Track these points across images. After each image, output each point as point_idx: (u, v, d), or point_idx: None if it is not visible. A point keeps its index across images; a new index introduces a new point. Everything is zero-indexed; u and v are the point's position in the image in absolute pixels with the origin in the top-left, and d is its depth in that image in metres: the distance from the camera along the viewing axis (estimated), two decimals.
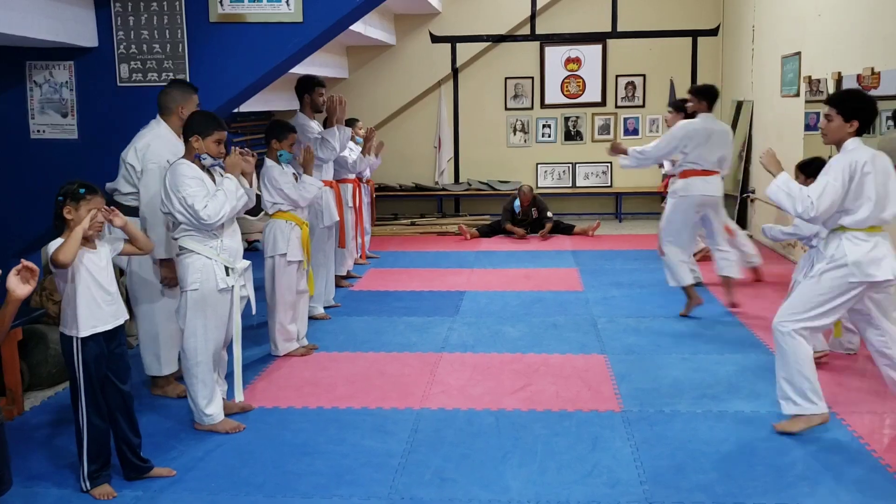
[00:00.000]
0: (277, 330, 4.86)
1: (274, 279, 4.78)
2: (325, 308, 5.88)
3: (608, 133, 10.23)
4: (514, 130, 10.34)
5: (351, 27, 6.69)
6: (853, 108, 3.47)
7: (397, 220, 9.93)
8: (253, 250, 7.45)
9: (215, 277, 3.67)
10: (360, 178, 7.13)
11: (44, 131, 4.69)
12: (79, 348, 3.10)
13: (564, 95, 10.23)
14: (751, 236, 8.67)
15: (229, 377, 4.02)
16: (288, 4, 4.54)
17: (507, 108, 10.31)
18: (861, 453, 3.45)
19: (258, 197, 4.31)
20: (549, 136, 10.34)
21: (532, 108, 10.28)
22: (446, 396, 4.21)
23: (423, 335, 5.33)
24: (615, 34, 10.04)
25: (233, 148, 3.91)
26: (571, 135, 10.31)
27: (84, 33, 4.50)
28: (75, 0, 4.38)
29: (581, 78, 10.17)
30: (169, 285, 4.09)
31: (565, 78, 10.20)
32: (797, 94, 7.24)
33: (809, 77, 6.90)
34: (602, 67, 10.12)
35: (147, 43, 4.59)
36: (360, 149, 6.98)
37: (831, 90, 6.42)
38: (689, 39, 10.00)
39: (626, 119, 10.21)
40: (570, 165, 10.33)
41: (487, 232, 9.18)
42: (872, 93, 5.77)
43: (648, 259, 7.64)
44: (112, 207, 3.22)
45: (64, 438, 3.73)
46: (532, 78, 10.23)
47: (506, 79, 10.24)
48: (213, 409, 3.79)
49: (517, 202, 9.08)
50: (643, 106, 10.17)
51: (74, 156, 4.65)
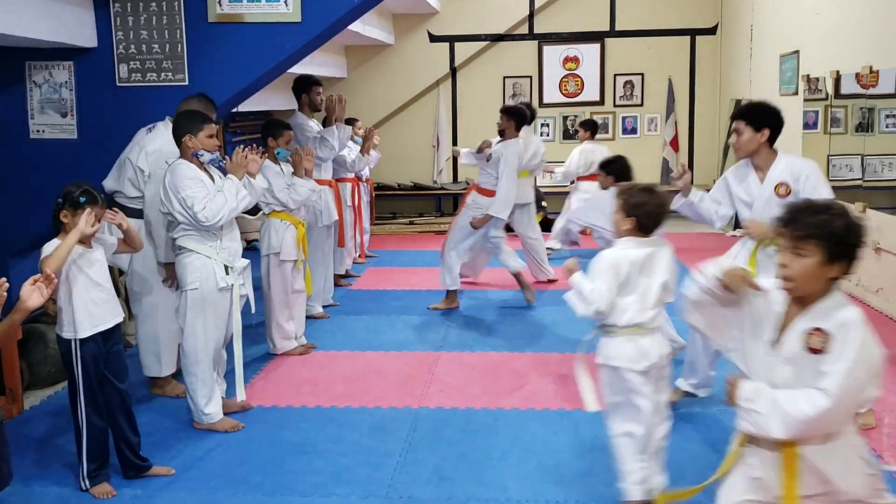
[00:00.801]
0: (274, 328, 4.87)
1: (269, 278, 4.79)
2: (323, 307, 5.89)
3: (606, 132, 10.23)
4: None
5: (349, 27, 6.69)
6: (760, 116, 3.54)
7: (396, 219, 9.94)
8: (252, 249, 7.45)
9: (215, 277, 3.68)
10: (359, 178, 7.14)
11: (43, 131, 4.69)
12: (77, 349, 3.11)
13: (563, 94, 10.23)
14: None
15: (230, 375, 4.03)
16: (286, 4, 4.55)
17: None
18: None
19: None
20: (548, 136, 10.34)
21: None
22: (444, 395, 4.22)
23: (422, 334, 5.34)
24: (613, 33, 10.04)
25: (237, 148, 3.92)
26: (570, 134, 10.31)
27: (83, 33, 4.51)
28: (74, 0, 4.39)
29: (579, 77, 10.18)
30: (174, 287, 4.11)
31: (563, 77, 10.20)
32: (796, 93, 7.25)
33: (808, 75, 6.92)
34: (600, 66, 10.12)
35: (146, 43, 4.60)
36: (359, 148, 6.98)
37: (830, 89, 6.43)
38: (687, 38, 10.01)
39: (624, 118, 10.22)
40: None
41: None
42: (871, 91, 5.81)
43: None
44: (116, 210, 3.23)
45: (63, 437, 3.74)
46: (530, 77, 10.23)
47: (504, 78, 10.25)
48: (212, 408, 3.80)
49: None
50: (641, 105, 10.17)
51: (74, 156, 4.66)
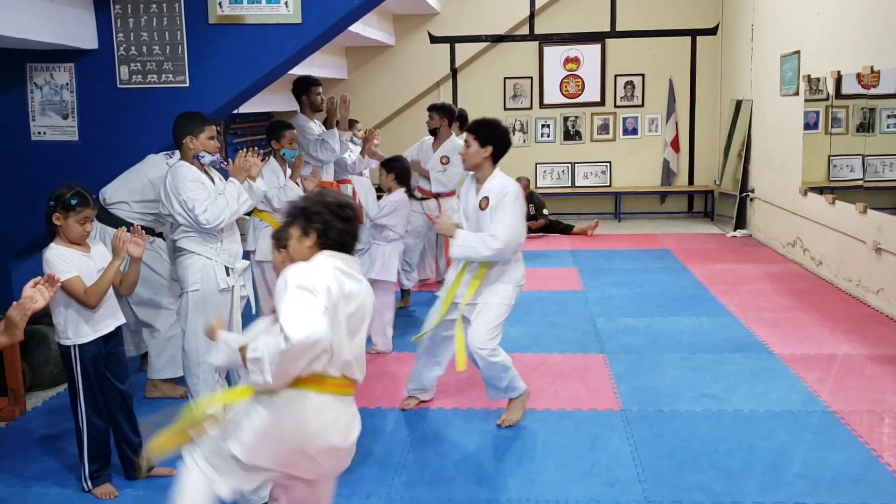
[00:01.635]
0: None
1: (265, 282, 4.77)
2: None
3: (607, 132, 10.24)
4: (514, 130, 10.34)
5: (350, 28, 6.69)
6: (488, 134, 3.72)
7: None
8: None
9: (216, 278, 3.69)
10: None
11: (45, 133, 4.70)
12: (76, 353, 3.13)
13: (563, 95, 10.23)
14: (750, 235, 8.71)
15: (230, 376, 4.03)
16: (287, 6, 4.55)
17: (506, 108, 10.31)
18: (860, 452, 3.46)
19: None
20: (548, 136, 10.34)
21: (531, 108, 10.28)
22: (445, 396, 4.22)
23: None
24: (614, 34, 10.04)
25: (240, 152, 3.92)
26: (570, 134, 10.32)
27: (84, 35, 4.51)
28: (75, 2, 4.39)
29: (580, 78, 10.17)
30: None
31: (564, 78, 10.20)
32: (796, 93, 7.24)
33: (809, 76, 6.92)
34: (601, 67, 10.12)
35: (147, 45, 4.60)
36: (360, 150, 6.98)
37: (831, 89, 6.43)
38: (688, 39, 10.00)
39: (625, 119, 10.22)
40: (570, 165, 10.34)
41: None
42: (872, 91, 5.80)
43: (648, 258, 7.65)
44: (142, 232, 3.23)
45: (66, 438, 3.74)
46: (531, 78, 10.23)
47: (505, 79, 10.25)
48: (214, 409, 3.80)
49: None
50: (642, 105, 10.17)
51: (75, 157, 4.66)
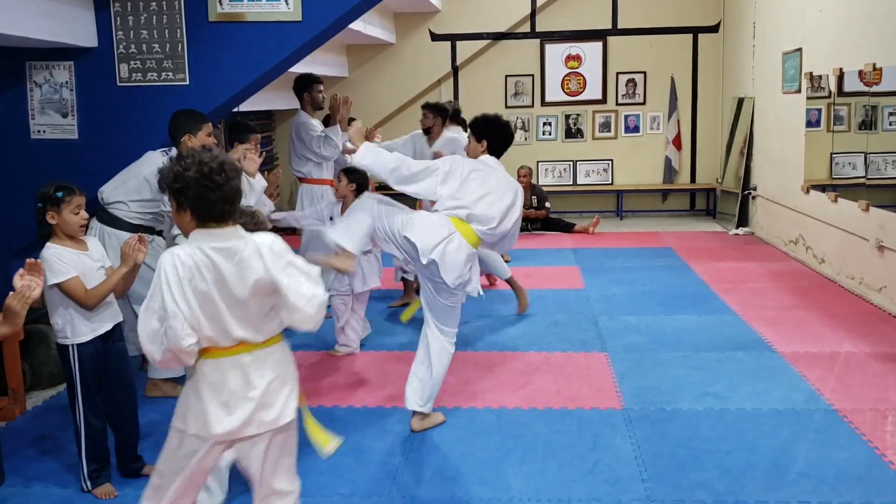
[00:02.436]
0: None
1: None
2: (328, 306, 5.87)
3: (609, 130, 10.22)
4: (515, 128, 10.32)
5: (350, 26, 6.68)
6: (482, 129, 3.93)
7: None
8: None
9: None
10: None
11: (44, 131, 4.69)
12: (75, 352, 3.12)
13: (565, 93, 10.21)
14: (752, 233, 8.69)
15: None
16: (287, 3, 4.54)
17: (507, 106, 10.29)
18: (863, 450, 3.44)
19: None
20: (550, 134, 10.33)
21: (532, 105, 10.27)
22: (447, 395, 4.20)
23: None
24: (615, 31, 10.02)
25: (234, 145, 3.91)
26: (572, 132, 10.30)
27: (84, 33, 4.50)
28: (75, 0, 4.38)
29: (581, 75, 10.16)
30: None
31: (566, 75, 10.18)
32: (798, 91, 7.22)
33: (811, 73, 6.89)
34: (602, 65, 10.10)
35: (146, 43, 4.59)
36: None
37: (833, 86, 6.41)
38: (689, 36, 9.98)
39: (626, 116, 10.20)
40: (571, 163, 10.32)
41: None
42: (874, 89, 5.78)
43: (650, 257, 7.63)
44: (146, 241, 3.20)
45: (66, 438, 3.73)
46: (532, 76, 10.21)
47: (506, 76, 10.23)
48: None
49: None
50: (644, 103, 10.15)
51: (75, 156, 4.65)
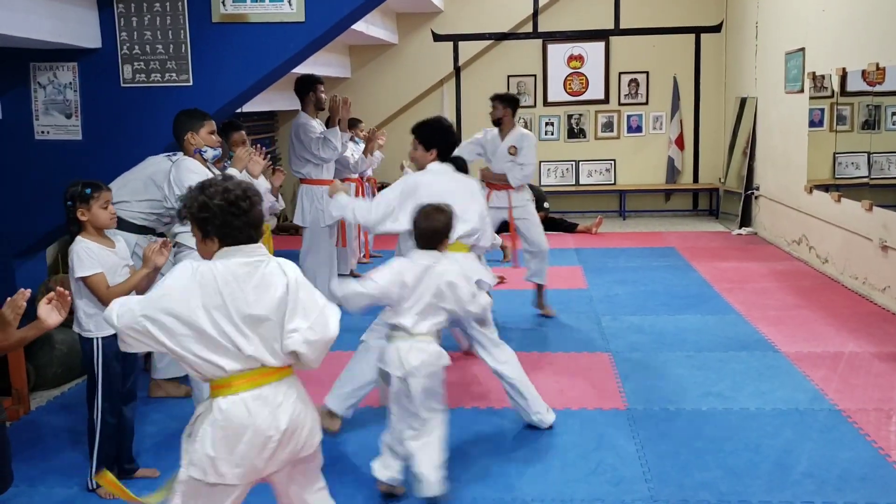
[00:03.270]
0: None
1: None
2: None
3: (611, 130, 10.22)
4: None
5: (353, 26, 6.69)
6: (430, 137, 3.80)
7: None
8: None
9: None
10: (361, 177, 7.14)
11: (48, 132, 4.69)
12: (99, 347, 3.14)
13: (567, 93, 10.21)
14: (755, 233, 8.68)
15: None
16: (290, 4, 4.54)
17: None
18: (867, 450, 3.44)
19: None
20: (552, 134, 10.32)
21: (535, 106, 10.26)
22: (449, 395, 4.19)
23: None
24: (618, 31, 10.02)
25: (240, 147, 3.92)
26: (574, 132, 10.30)
27: (87, 34, 4.51)
28: (78, 1, 4.39)
29: (584, 75, 10.15)
30: None
31: (568, 75, 10.18)
32: (801, 91, 7.22)
33: (814, 73, 6.89)
34: (605, 65, 10.09)
35: (150, 44, 4.60)
36: (362, 149, 6.99)
37: (836, 86, 6.40)
38: (692, 36, 9.98)
39: (629, 116, 10.20)
40: (574, 163, 10.32)
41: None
42: (877, 88, 5.77)
43: (652, 257, 7.63)
44: (169, 245, 3.21)
45: (70, 438, 3.74)
46: (535, 76, 10.21)
47: (508, 77, 10.23)
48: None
49: None
50: (646, 103, 10.15)
51: (79, 156, 4.66)
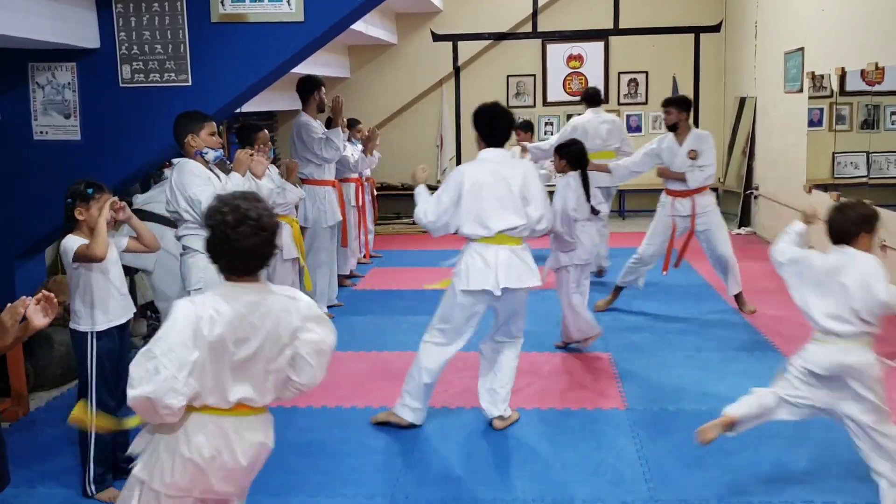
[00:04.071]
0: None
1: (269, 279, 4.76)
2: (328, 307, 5.88)
3: None
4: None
5: (352, 26, 6.68)
6: (475, 123, 3.77)
7: (400, 219, 9.93)
8: None
9: (218, 277, 3.67)
10: (360, 177, 7.13)
11: (47, 133, 4.68)
12: (93, 343, 3.12)
13: (566, 93, 10.20)
14: (755, 232, 8.68)
15: None
16: (289, 4, 4.53)
17: (509, 107, 10.16)
18: None
19: None
20: (552, 134, 10.29)
21: (534, 105, 10.26)
22: (450, 395, 4.20)
23: None
24: (617, 31, 10.01)
25: (239, 149, 3.92)
26: None
27: (86, 34, 4.50)
28: (77, 1, 4.38)
29: (583, 75, 10.14)
30: None
31: (567, 75, 10.18)
32: (800, 90, 7.22)
33: (813, 73, 6.88)
34: (604, 65, 10.09)
35: (149, 44, 4.59)
36: (361, 149, 7.00)
37: (835, 86, 6.40)
38: (691, 36, 9.97)
39: (628, 116, 10.19)
40: None
41: None
42: (876, 88, 5.77)
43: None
44: (122, 202, 3.22)
45: (69, 439, 3.72)
46: (534, 76, 10.21)
47: (507, 77, 10.22)
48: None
49: None
50: (646, 103, 10.14)
51: (78, 157, 4.65)
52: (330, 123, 5.85)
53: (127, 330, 3.30)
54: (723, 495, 3.09)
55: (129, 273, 5.46)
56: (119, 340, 3.22)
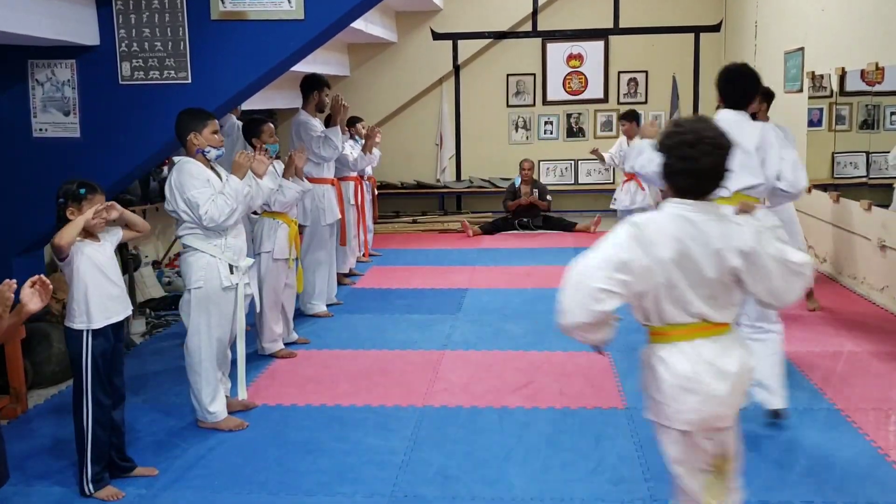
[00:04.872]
0: (265, 330, 4.84)
1: (260, 278, 4.76)
2: (327, 306, 5.87)
3: (610, 130, 10.20)
4: (516, 127, 10.32)
5: (352, 24, 6.67)
6: (719, 84, 3.66)
7: (399, 217, 9.92)
8: None
9: (219, 276, 3.67)
10: (361, 176, 7.13)
11: (46, 130, 4.68)
12: (88, 342, 3.11)
13: (566, 92, 10.20)
14: None
15: (234, 374, 4.02)
16: (289, 2, 4.53)
17: (508, 105, 10.28)
18: (867, 450, 3.43)
19: None
20: (551, 133, 10.32)
21: (534, 104, 10.26)
22: (449, 394, 4.20)
23: (426, 333, 5.32)
24: (617, 30, 10.01)
25: (238, 150, 3.91)
26: (573, 132, 10.29)
27: (86, 31, 4.49)
28: None
29: (583, 74, 10.14)
30: None
31: (567, 74, 10.17)
32: (800, 90, 7.21)
33: (813, 73, 6.88)
34: (604, 64, 10.09)
35: (149, 41, 4.58)
36: (361, 147, 6.99)
37: (835, 86, 6.40)
38: (691, 35, 9.97)
39: None
40: (573, 162, 10.31)
41: (490, 229, 9.18)
42: (876, 88, 5.77)
43: None
44: (111, 202, 3.21)
45: (67, 437, 3.71)
46: (534, 75, 10.20)
47: (507, 76, 10.22)
48: (216, 406, 3.80)
49: (517, 179, 9.28)
50: (646, 102, 10.13)
51: (77, 154, 4.64)
52: (329, 122, 5.85)
53: (122, 328, 3.29)
54: None
55: (127, 271, 5.47)
56: (114, 339, 3.20)
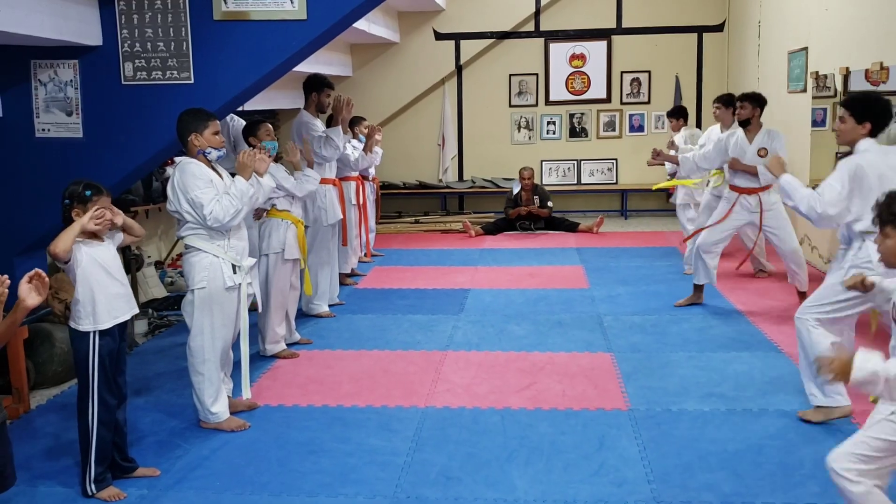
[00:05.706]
0: (268, 331, 4.84)
1: (267, 278, 4.76)
2: (329, 306, 5.87)
3: (613, 130, 10.20)
4: (519, 127, 10.32)
5: (355, 25, 6.67)
6: (864, 110, 3.58)
7: (401, 217, 9.92)
8: None
9: (222, 276, 3.67)
10: (364, 176, 7.12)
11: (49, 130, 4.68)
12: (95, 342, 3.11)
13: (569, 92, 10.20)
14: None
15: (235, 375, 4.02)
16: (292, 2, 4.52)
17: (511, 105, 10.28)
18: None
19: None
20: (554, 133, 10.31)
21: (536, 104, 10.25)
22: (451, 395, 4.19)
23: (428, 333, 5.31)
24: (620, 30, 10.00)
25: (241, 150, 3.91)
26: (576, 131, 10.28)
27: (88, 32, 4.49)
28: None
29: (586, 74, 10.14)
30: None
31: (570, 74, 10.16)
32: (804, 90, 7.20)
33: (816, 72, 6.87)
34: (607, 64, 10.08)
35: (151, 41, 4.58)
36: (363, 146, 6.98)
37: (839, 86, 6.38)
38: (694, 35, 9.96)
39: (631, 115, 10.18)
40: (576, 162, 10.30)
41: (492, 230, 9.17)
42: (881, 88, 5.75)
43: (654, 256, 7.61)
44: (114, 210, 3.22)
45: (70, 437, 3.72)
46: (536, 75, 10.19)
47: (510, 76, 10.21)
48: (218, 407, 3.79)
49: (516, 185, 9.24)
50: (648, 102, 10.13)
51: (80, 154, 4.64)
52: (331, 122, 5.84)
53: (126, 328, 3.30)
54: (726, 496, 3.08)
55: (130, 271, 5.47)
56: (119, 338, 3.21)
